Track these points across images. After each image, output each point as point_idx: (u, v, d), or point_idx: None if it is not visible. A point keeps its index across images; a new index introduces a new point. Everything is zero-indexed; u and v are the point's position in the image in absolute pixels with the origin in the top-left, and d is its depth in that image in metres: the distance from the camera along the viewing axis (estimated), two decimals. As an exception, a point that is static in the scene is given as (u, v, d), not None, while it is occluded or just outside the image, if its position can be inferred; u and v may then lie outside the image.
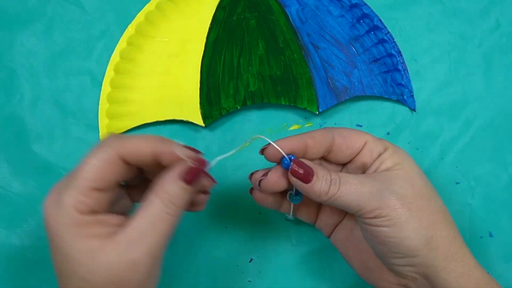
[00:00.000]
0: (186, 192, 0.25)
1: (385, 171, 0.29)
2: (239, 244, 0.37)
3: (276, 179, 0.29)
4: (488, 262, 0.37)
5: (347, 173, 0.29)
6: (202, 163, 0.26)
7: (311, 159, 0.30)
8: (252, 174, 0.31)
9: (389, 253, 0.27)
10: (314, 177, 0.27)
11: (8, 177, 0.38)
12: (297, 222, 0.37)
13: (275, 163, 0.29)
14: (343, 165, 0.32)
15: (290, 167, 0.28)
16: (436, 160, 0.39)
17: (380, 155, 0.29)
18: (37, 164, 0.38)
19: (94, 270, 0.23)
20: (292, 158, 0.28)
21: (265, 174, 0.29)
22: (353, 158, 0.30)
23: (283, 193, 0.31)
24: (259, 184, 0.30)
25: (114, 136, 0.25)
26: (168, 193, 0.25)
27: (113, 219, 0.25)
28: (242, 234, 0.37)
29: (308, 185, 0.27)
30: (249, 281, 0.36)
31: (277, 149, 0.28)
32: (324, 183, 0.27)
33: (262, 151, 0.29)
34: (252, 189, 0.32)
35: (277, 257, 0.37)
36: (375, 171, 0.29)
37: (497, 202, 0.38)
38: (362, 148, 0.30)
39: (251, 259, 0.37)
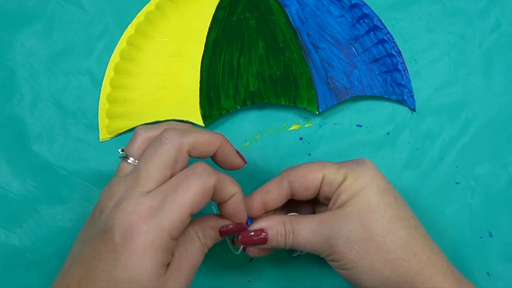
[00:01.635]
0: (217, 240, 0.29)
1: (338, 209, 0.29)
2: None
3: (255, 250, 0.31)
4: (488, 262, 0.37)
5: (302, 218, 0.29)
6: (241, 228, 0.29)
7: (275, 208, 0.32)
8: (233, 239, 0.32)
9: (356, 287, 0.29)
10: (268, 237, 0.29)
11: (7, 177, 0.38)
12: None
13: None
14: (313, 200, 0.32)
15: (240, 241, 0.30)
16: (436, 160, 0.39)
17: (339, 185, 0.29)
18: (37, 164, 0.38)
19: None
20: (249, 222, 0.30)
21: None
22: (317, 195, 0.31)
23: None
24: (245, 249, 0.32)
25: (206, 165, 0.26)
26: (204, 237, 0.28)
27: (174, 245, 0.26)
28: (242, 234, 0.37)
29: (266, 244, 0.30)
30: (249, 281, 0.36)
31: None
32: (279, 238, 0.29)
33: (224, 233, 0.30)
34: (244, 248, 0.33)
35: (277, 257, 0.37)
36: (332, 206, 0.29)
37: (497, 202, 0.38)
38: (320, 185, 0.30)
39: (251, 259, 0.37)
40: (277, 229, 0.29)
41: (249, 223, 0.30)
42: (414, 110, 0.40)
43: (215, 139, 0.28)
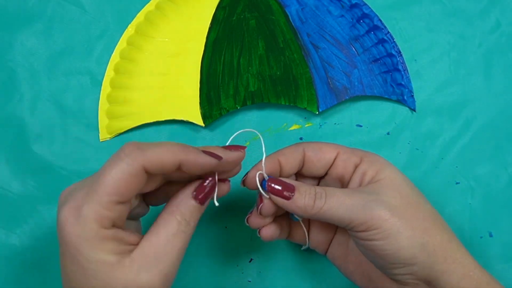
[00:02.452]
0: (199, 211, 0.26)
1: (370, 184, 0.28)
2: (239, 244, 0.37)
3: (269, 209, 0.29)
4: (488, 262, 0.37)
5: (331, 187, 0.28)
6: (212, 181, 0.26)
7: (288, 176, 0.30)
8: (247, 218, 0.31)
9: (387, 264, 0.27)
10: (296, 193, 0.27)
11: (7, 177, 0.38)
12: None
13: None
14: (319, 179, 0.32)
15: (266, 187, 0.28)
16: (436, 160, 0.39)
17: (356, 166, 0.29)
18: (37, 164, 0.38)
19: (109, 286, 0.23)
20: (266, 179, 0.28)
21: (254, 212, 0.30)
22: (328, 171, 0.30)
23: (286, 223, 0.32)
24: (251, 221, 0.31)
25: (133, 146, 0.24)
26: (182, 213, 0.25)
27: (130, 236, 0.24)
28: (242, 234, 0.37)
29: (291, 201, 0.27)
30: (249, 281, 0.36)
31: (254, 176, 0.29)
32: (308, 198, 0.27)
33: (243, 183, 0.30)
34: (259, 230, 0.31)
35: (277, 257, 0.37)
36: (360, 185, 0.29)
37: (497, 202, 0.38)
38: (334, 160, 0.30)
39: (251, 259, 0.37)
40: (306, 188, 0.28)
41: (265, 180, 0.28)
42: (414, 110, 0.40)
43: (171, 151, 0.24)
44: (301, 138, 0.39)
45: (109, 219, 0.23)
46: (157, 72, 0.40)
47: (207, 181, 0.26)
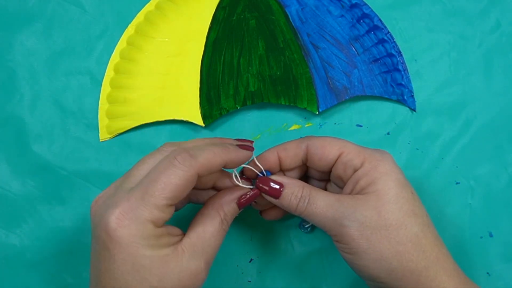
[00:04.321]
0: (236, 214, 0.30)
1: (357, 194, 0.28)
2: (239, 244, 0.37)
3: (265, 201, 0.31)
4: (488, 262, 0.37)
5: (321, 191, 0.29)
6: (256, 193, 0.30)
7: (289, 169, 0.32)
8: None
9: (359, 274, 0.29)
10: (283, 193, 0.29)
11: (7, 177, 0.38)
12: (298, 222, 0.37)
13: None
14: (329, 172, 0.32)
15: (255, 185, 0.30)
16: (436, 160, 0.39)
17: (355, 171, 0.29)
18: (37, 164, 0.38)
19: (165, 278, 0.25)
20: (268, 174, 0.31)
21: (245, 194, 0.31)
22: (331, 169, 0.31)
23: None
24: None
25: (186, 154, 0.26)
26: (225, 213, 0.28)
27: (175, 229, 0.27)
28: (242, 234, 0.37)
29: (278, 200, 0.30)
30: (249, 281, 0.36)
31: (252, 168, 0.31)
32: (293, 199, 0.29)
33: (242, 173, 0.32)
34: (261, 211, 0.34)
35: (277, 257, 0.37)
36: (351, 191, 0.29)
37: (497, 202, 0.38)
38: (336, 161, 0.30)
39: (251, 259, 0.37)
40: (294, 189, 0.29)
41: (268, 175, 0.31)
42: (414, 110, 0.40)
43: (217, 154, 0.27)
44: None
45: (163, 219, 0.25)
46: (157, 72, 0.40)
47: (253, 192, 0.30)
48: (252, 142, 0.31)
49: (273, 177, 0.30)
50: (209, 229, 0.27)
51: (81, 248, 0.36)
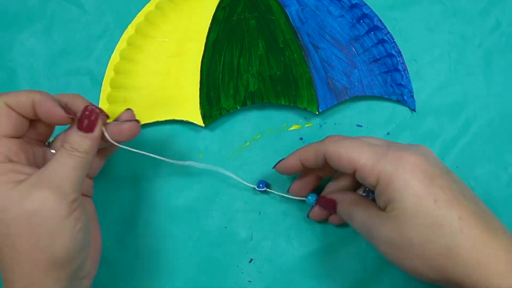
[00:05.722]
0: (86, 139, 0.28)
1: (383, 211, 0.28)
2: (239, 244, 0.37)
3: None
4: (488, 262, 0.37)
5: (360, 206, 0.30)
6: (89, 110, 0.29)
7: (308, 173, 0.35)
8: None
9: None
10: (337, 208, 0.32)
11: (8, 177, 0.38)
12: (299, 222, 0.37)
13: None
14: None
15: (315, 201, 0.35)
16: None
17: (374, 187, 0.28)
18: (37, 164, 0.38)
19: (7, 208, 0.25)
20: (314, 198, 0.35)
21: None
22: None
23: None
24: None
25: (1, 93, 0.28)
26: (69, 143, 0.28)
27: (30, 169, 0.27)
28: (242, 234, 0.37)
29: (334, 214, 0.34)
30: (249, 281, 0.36)
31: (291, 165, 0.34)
32: (344, 212, 0.32)
33: (278, 168, 0.34)
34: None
35: (277, 257, 0.37)
36: (380, 206, 0.29)
37: (498, 202, 0.38)
38: (352, 175, 0.29)
39: (251, 259, 0.37)
40: (343, 207, 0.32)
41: (314, 199, 0.35)
42: (414, 110, 0.40)
43: (28, 92, 0.28)
44: (301, 138, 0.39)
45: (1, 153, 0.27)
46: (157, 72, 0.40)
47: (87, 110, 0.28)
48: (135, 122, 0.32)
49: (327, 195, 0.34)
50: (54, 160, 0.27)
51: (81, 248, 0.36)
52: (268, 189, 0.37)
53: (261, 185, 0.37)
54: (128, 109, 0.33)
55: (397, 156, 0.27)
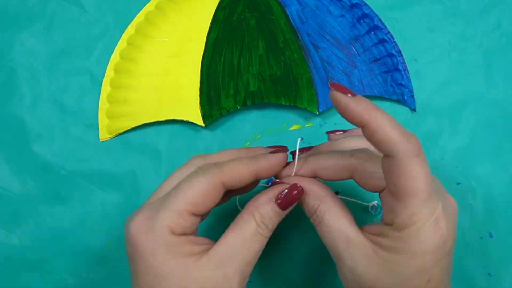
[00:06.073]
0: (279, 216, 0.26)
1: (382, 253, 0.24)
2: (239, 244, 0.37)
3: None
4: (488, 262, 0.37)
5: (336, 214, 0.26)
6: (298, 190, 0.26)
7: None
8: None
9: None
10: (303, 200, 0.27)
11: (7, 177, 0.38)
12: (299, 222, 0.37)
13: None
14: None
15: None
16: (436, 160, 0.39)
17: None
18: (37, 164, 0.38)
19: (188, 285, 0.23)
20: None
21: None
22: None
23: None
24: None
25: (211, 163, 0.25)
26: (262, 215, 0.25)
27: (203, 239, 0.25)
28: (242, 234, 0.37)
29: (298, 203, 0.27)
30: (249, 281, 0.36)
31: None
32: (307, 211, 0.27)
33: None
34: None
35: (277, 257, 0.37)
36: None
37: (498, 202, 0.38)
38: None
39: (251, 259, 0.37)
40: (310, 201, 0.26)
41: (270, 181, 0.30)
42: (414, 110, 0.40)
43: (247, 166, 0.25)
44: (301, 138, 0.39)
45: (182, 227, 0.24)
46: (157, 72, 0.40)
47: (296, 190, 0.26)
48: (285, 147, 0.28)
49: (297, 179, 0.27)
50: (240, 235, 0.24)
51: (81, 248, 0.36)
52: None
53: (269, 182, 0.36)
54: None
55: (412, 220, 0.22)
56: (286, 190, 0.26)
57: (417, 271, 0.22)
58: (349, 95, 0.22)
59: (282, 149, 0.28)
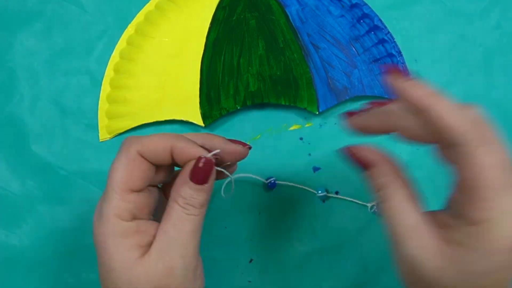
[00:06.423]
0: (202, 192, 0.25)
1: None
2: (239, 244, 0.37)
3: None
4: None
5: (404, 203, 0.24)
6: (203, 161, 0.25)
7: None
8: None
9: None
10: (371, 171, 0.25)
11: (7, 177, 0.38)
12: (299, 222, 0.37)
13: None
14: None
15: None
16: (436, 160, 0.39)
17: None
18: (37, 164, 0.38)
19: (133, 281, 0.23)
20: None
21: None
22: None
23: None
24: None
25: (131, 137, 0.25)
26: (183, 197, 0.25)
27: (153, 227, 0.25)
28: (242, 234, 0.37)
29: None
30: (249, 281, 0.36)
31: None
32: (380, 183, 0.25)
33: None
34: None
35: (277, 257, 0.37)
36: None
37: (498, 202, 0.38)
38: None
39: (251, 259, 0.37)
40: (380, 177, 0.24)
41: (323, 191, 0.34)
42: (414, 110, 0.39)
43: (163, 138, 0.25)
44: (301, 138, 0.39)
45: (127, 210, 0.24)
46: (157, 72, 0.40)
47: (201, 162, 0.25)
48: (248, 146, 0.28)
49: (371, 153, 0.24)
50: (170, 223, 0.24)
51: (81, 248, 0.36)
52: (278, 182, 0.37)
53: (272, 181, 0.37)
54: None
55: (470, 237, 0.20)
56: (197, 164, 0.25)
57: (490, 271, 0.20)
58: (405, 79, 0.21)
59: (240, 142, 0.27)
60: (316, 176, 0.38)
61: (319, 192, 0.37)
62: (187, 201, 0.25)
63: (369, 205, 0.37)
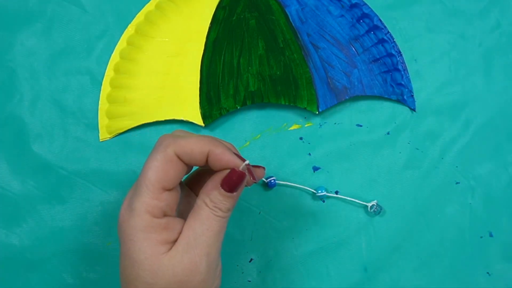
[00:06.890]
0: (229, 198, 0.26)
1: None
2: (239, 244, 0.37)
3: None
4: (488, 262, 0.37)
5: None
6: (238, 174, 0.26)
7: None
8: None
9: None
10: None
11: (7, 176, 0.38)
12: (299, 222, 0.37)
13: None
14: None
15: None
16: (436, 160, 0.39)
17: None
18: (37, 164, 0.38)
19: (159, 274, 0.24)
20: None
21: None
22: None
23: None
24: None
25: (168, 136, 0.26)
26: (211, 200, 0.26)
27: (179, 224, 0.26)
28: (242, 234, 0.37)
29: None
30: (249, 281, 0.36)
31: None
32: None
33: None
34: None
35: (277, 257, 0.37)
36: None
37: (497, 202, 0.38)
38: None
39: (251, 259, 0.37)
40: None
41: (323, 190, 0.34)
42: (414, 110, 0.40)
43: (201, 141, 0.26)
44: (301, 138, 0.39)
45: (159, 208, 0.25)
46: (157, 72, 0.40)
47: (236, 175, 0.26)
48: (264, 168, 0.29)
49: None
50: (198, 220, 0.26)
51: (81, 248, 0.36)
52: (278, 181, 0.37)
53: (272, 181, 0.37)
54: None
55: None
56: (231, 175, 0.26)
57: None
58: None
59: (241, 158, 0.28)
60: (316, 176, 0.38)
61: (319, 191, 0.37)
62: (215, 204, 0.26)
63: (369, 205, 0.37)
